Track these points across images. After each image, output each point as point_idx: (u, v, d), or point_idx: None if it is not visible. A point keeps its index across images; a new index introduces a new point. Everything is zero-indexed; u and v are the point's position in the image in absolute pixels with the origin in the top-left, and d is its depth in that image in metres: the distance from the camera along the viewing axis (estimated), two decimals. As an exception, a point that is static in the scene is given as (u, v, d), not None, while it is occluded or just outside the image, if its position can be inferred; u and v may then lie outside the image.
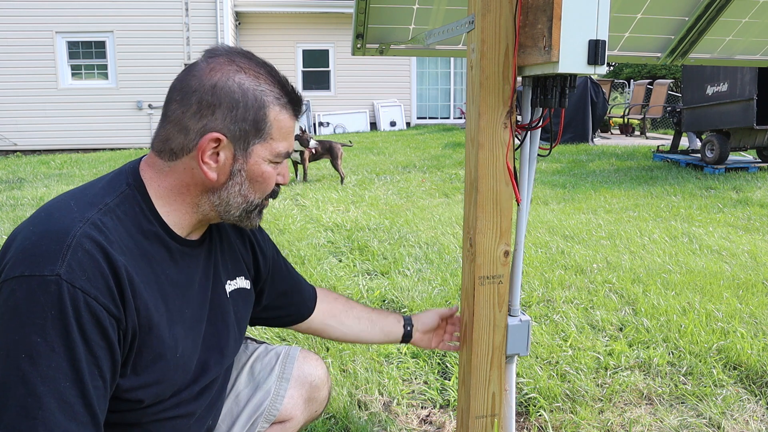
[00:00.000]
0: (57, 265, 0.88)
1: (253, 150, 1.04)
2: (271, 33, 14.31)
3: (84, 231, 0.92)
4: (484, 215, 1.30)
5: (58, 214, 0.95)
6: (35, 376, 0.85)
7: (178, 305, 1.06)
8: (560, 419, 1.95)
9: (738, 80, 6.93)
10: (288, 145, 1.08)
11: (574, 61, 1.08)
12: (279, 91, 1.05)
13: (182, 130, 1.01)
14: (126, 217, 1.00)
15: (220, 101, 1.00)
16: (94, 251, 0.92)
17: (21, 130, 12.37)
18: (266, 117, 1.03)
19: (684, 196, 5.94)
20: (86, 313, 0.89)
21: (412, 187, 6.66)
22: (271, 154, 1.06)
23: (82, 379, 0.88)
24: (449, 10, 1.89)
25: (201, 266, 1.13)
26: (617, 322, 2.70)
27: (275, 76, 1.06)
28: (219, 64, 1.02)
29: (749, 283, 3.16)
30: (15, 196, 6.27)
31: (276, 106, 1.04)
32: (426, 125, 14.81)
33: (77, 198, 1.00)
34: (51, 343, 0.86)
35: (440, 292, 3.04)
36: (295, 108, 1.08)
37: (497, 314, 1.36)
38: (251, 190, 1.07)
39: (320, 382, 1.42)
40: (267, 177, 1.07)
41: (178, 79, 1.04)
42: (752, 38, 2.17)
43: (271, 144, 1.05)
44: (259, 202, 1.10)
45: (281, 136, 1.06)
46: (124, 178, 1.04)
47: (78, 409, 0.88)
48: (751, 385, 2.16)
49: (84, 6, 12.26)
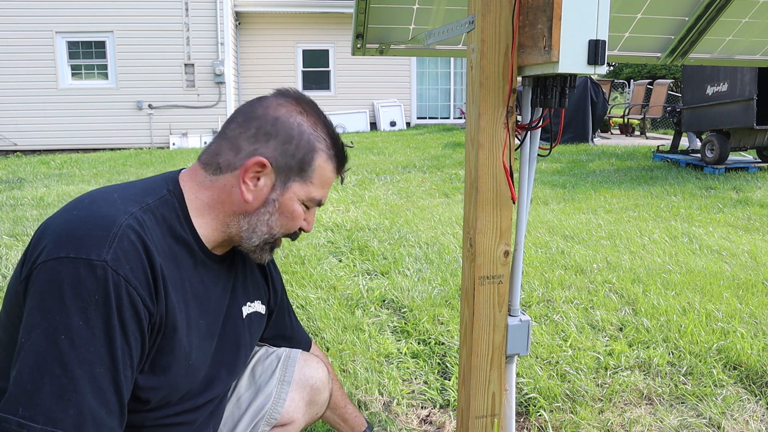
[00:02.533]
0: (104, 251, 0.89)
1: (291, 186, 1.10)
2: (271, 33, 14.31)
3: (129, 222, 0.95)
4: (484, 215, 1.30)
5: (102, 203, 0.97)
6: (74, 359, 0.86)
7: (197, 314, 1.08)
8: (560, 419, 1.95)
9: (738, 80, 6.93)
10: (323, 194, 1.15)
11: (574, 61, 1.08)
12: (331, 143, 1.14)
13: (234, 148, 1.07)
14: (163, 219, 1.03)
15: (277, 133, 1.06)
16: (137, 243, 0.94)
17: (21, 130, 12.37)
18: (313, 161, 1.10)
19: (684, 196, 5.94)
20: (127, 302, 0.91)
21: (412, 187, 6.66)
22: (307, 197, 1.12)
23: (116, 366, 0.90)
24: (449, 10, 1.89)
25: (221, 282, 1.16)
26: (617, 322, 2.70)
27: (330, 130, 1.14)
28: (288, 102, 1.10)
29: (749, 283, 3.16)
30: (15, 196, 6.27)
31: (324, 155, 1.12)
32: (426, 125, 14.81)
33: (120, 192, 1.02)
34: (92, 328, 0.88)
35: (440, 292, 3.04)
36: (339, 163, 1.17)
37: (497, 314, 1.36)
38: (278, 223, 1.12)
39: (321, 384, 1.42)
40: (296, 216, 1.13)
41: (247, 104, 1.12)
42: (752, 38, 2.17)
43: (309, 187, 1.12)
44: (279, 236, 1.14)
45: (320, 183, 1.13)
46: (165, 184, 1.08)
47: (109, 396, 0.89)
48: (751, 385, 2.16)
49: (84, 6, 12.26)
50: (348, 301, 2.96)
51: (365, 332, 2.59)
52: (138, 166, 8.90)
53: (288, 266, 3.54)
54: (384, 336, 2.57)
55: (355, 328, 2.63)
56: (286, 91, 1.12)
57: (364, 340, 2.51)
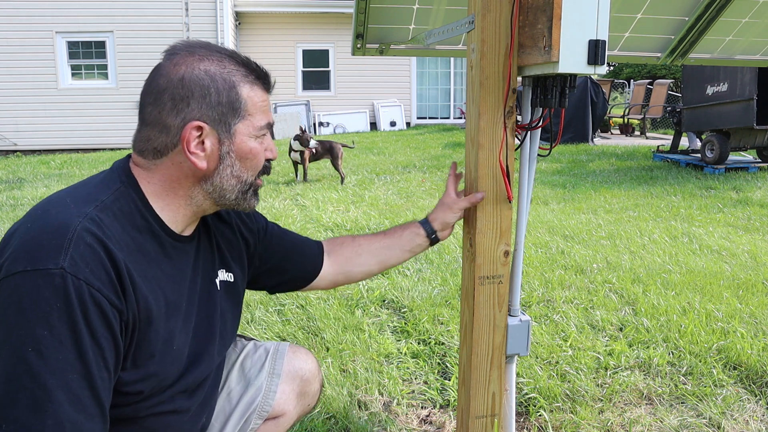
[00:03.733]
0: (60, 259, 0.89)
1: (236, 129, 1.06)
2: (271, 33, 14.31)
3: (83, 225, 0.93)
4: (484, 215, 1.30)
5: (55, 211, 0.96)
6: (44, 369, 0.85)
7: (175, 299, 1.07)
8: (560, 419, 1.95)
9: (738, 80, 6.92)
10: (266, 117, 1.11)
11: (574, 61, 1.08)
12: (245, 70, 1.08)
13: (163, 129, 1.04)
14: (122, 213, 1.01)
15: (192, 92, 1.03)
16: (95, 244, 0.93)
17: (21, 130, 12.37)
18: (239, 96, 1.06)
19: (684, 196, 5.93)
20: (91, 304, 0.90)
21: (412, 187, 6.66)
22: (254, 129, 1.08)
23: (89, 371, 0.89)
24: (449, 10, 1.89)
25: (191, 261, 1.14)
26: (617, 322, 2.70)
27: (237, 58, 1.09)
28: (181, 58, 1.05)
29: (749, 283, 3.16)
30: (15, 196, 6.27)
31: (246, 84, 1.07)
32: (426, 125, 14.81)
33: (73, 195, 1.01)
34: (58, 336, 0.87)
35: (440, 292, 3.04)
36: (264, 83, 1.11)
37: (497, 314, 1.36)
38: (243, 169, 1.09)
39: (311, 375, 1.42)
40: (255, 153, 1.10)
41: (147, 83, 1.07)
42: (752, 38, 2.17)
43: (250, 120, 1.08)
44: (252, 180, 1.12)
45: (257, 110, 1.09)
46: (117, 176, 1.06)
47: (86, 401, 0.89)
48: (751, 385, 2.16)
49: (84, 6, 12.26)
50: (348, 301, 2.96)
51: (365, 332, 2.59)
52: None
53: (288, 266, 3.54)
54: (384, 336, 2.57)
55: (355, 328, 2.63)
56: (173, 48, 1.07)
57: (364, 340, 2.51)
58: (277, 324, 2.68)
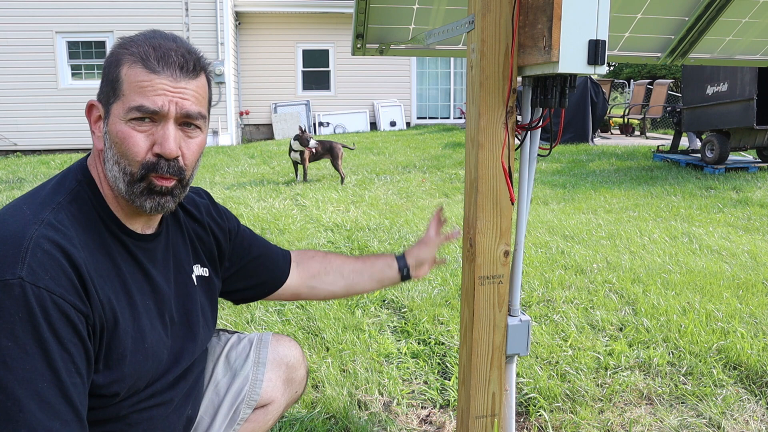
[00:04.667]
0: (18, 269, 0.88)
1: (111, 110, 1.01)
2: (271, 33, 14.31)
3: (40, 232, 0.92)
4: (484, 215, 1.30)
5: (11, 220, 0.95)
6: (11, 381, 0.85)
7: (140, 297, 1.06)
8: (560, 419, 1.95)
9: (738, 80, 6.93)
10: (143, 99, 0.98)
11: (574, 61, 1.08)
12: (137, 49, 1.00)
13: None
14: (80, 213, 1.00)
15: (103, 72, 1.05)
16: (53, 250, 0.92)
17: (21, 130, 12.36)
18: (119, 74, 1.00)
19: (684, 196, 5.94)
20: (54, 311, 0.89)
21: (412, 187, 6.66)
22: (124, 110, 0.99)
23: (59, 377, 0.89)
24: (449, 10, 1.89)
25: (159, 259, 1.13)
26: (617, 322, 2.70)
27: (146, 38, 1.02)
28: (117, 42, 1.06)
29: (749, 283, 3.16)
30: (15, 196, 6.27)
31: (127, 62, 0.99)
32: (426, 125, 14.81)
33: (29, 201, 1.00)
34: (23, 346, 0.86)
35: (440, 292, 3.04)
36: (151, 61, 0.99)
37: (497, 314, 1.36)
38: (117, 154, 1.00)
39: (296, 362, 1.43)
40: (124, 137, 0.99)
41: None
42: (752, 38, 2.17)
43: (124, 100, 0.99)
44: (137, 172, 1.00)
45: (133, 90, 0.99)
46: (73, 175, 1.05)
47: (59, 407, 0.88)
48: (751, 385, 2.16)
49: (84, 6, 12.26)
50: (348, 301, 2.96)
51: (365, 332, 2.59)
52: (138, 166, 8.89)
53: (288, 266, 3.54)
54: (384, 336, 2.57)
55: (355, 328, 2.63)
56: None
57: (364, 340, 2.51)
58: (277, 324, 2.68)
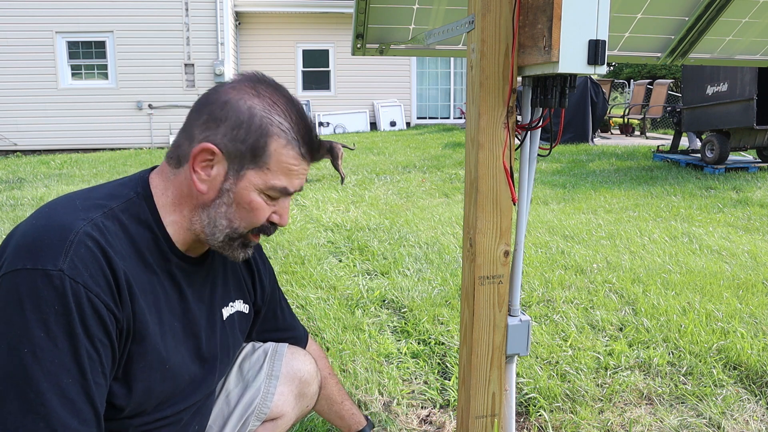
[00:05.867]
0: (60, 260, 0.88)
1: (245, 174, 1.02)
2: (271, 33, 14.31)
3: (86, 230, 0.93)
4: (484, 215, 1.30)
5: (62, 211, 0.96)
6: (38, 372, 0.85)
7: (171, 318, 1.06)
8: (560, 419, 1.95)
9: (738, 80, 6.92)
10: (289, 183, 1.04)
11: (574, 61, 1.08)
12: (289, 125, 1.03)
13: (188, 138, 1.03)
14: (129, 223, 1.00)
15: (227, 117, 1.00)
16: (95, 249, 0.92)
17: (21, 130, 12.37)
18: (267, 146, 1.01)
19: (684, 196, 5.94)
20: (89, 308, 0.89)
21: (412, 187, 6.66)
22: (265, 185, 1.03)
23: (84, 375, 0.89)
24: (449, 10, 1.89)
25: (198, 284, 1.13)
26: (617, 322, 2.70)
27: (293, 113, 1.04)
28: (240, 84, 1.03)
29: (749, 283, 3.16)
30: (15, 196, 6.27)
31: (281, 139, 1.02)
32: (426, 125, 14.81)
33: (83, 198, 1.00)
34: (54, 339, 0.86)
35: (440, 292, 3.04)
36: (305, 148, 1.04)
37: (497, 314, 1.36)
38: (237, 215, 1.04)
39: (310, 377, 1.42)
40: (255, 207, 1.04)
41: (205, 92, 1.07)
42: (752, 38, 2.17)
43: (266, 175, 1.02)
44: (244, 232, 1.06)
45: (280, 170, 1.03)
46: (133, 186, 1.05)
47: (80, 405, 0.88)
48: (751, 385, 2.16)
49: (84, 6, 12.26)
50: (348, 301, 2.96)
51: (365, 332, 2.59)
52: (138, 166, 8.89)
53: (288, 266, 3.54)
54: (384, 336, 2.57)
55: (355, 328, 2.63)
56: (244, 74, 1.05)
57: (364, 340, 2.51)
58: (277, 324, 2.68)
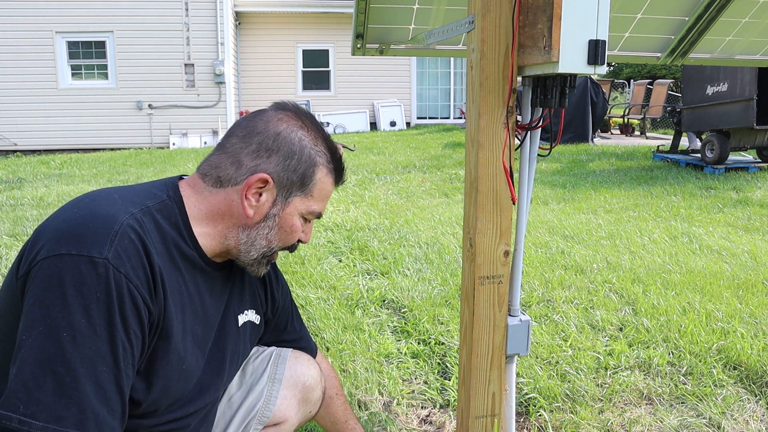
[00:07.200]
0: (105, 249, 0.90)
1: (292, 201, 1.12)
2: (271, 33, 14.31)
3: (129, 222, 0.95)
4: (484, 215, 1.30)
5: (104, 202, 0.98)
6: (76, 356, 0.86)
7: (192, 320, 1.08)
8: (560, 419, 1.95)
9: (738, 80, 6.92)
10: (322, 207, 1.17)
11: (574, 61, 1.08)
12: (330, 156, 1.15)
13: (235, 163, 1.08)
14: (163, 223, 1.03)
15: (279, 148, 1.08)
16: (137, 242, 0.95)
17: (21, 130, 12.37)
18: (314, 175, 1.12)
19: (684, 196, 5.94)
20: (128, 299, 0.91)
21: (412, 187, 6.66)
22: (307, 210, 1.14)
23: (118, 365, 0.90)
24: (449, 10, 1.89)
25: (218, 290, 1.16)
26: (617, 322, 2.70)
27: (329, 143, 1.16)
28: (288, 116, 1.11)
29: (749, 283, 3.16)
30: (15, 196, 6.27)
31: (324, 169, 1.14)
32: (426, 125, 14.81)
33: (120, 193, 1.03)
34: (95, 326, 0.87)
35: (440, 292, 3.04)
36: (338, 176, 1.18)
37: (497, 314, 1.36)
38: (276, 237, 1.14)
39: (313, 382, 1.41)
40: (295, 230, 1.15)
41: (245, 118, 1.13)
42: (752, 38, 2.17)
43: (309, 201, 1.14)
44: (277, 250, 1.16)
45: (320, 197, 1.15)
46: (165, 189, 1.08)
47: (111, 395, 0.89)
48: (751, 385, 2.16)
49: (84, 6, 12.26)
50: (348, 301, 2.96)
51: (365, 332, 2.59)
52: (138, 166, 8.89)
53: (288, 266, 3.54)
54: (384, 336, 2.57)
55: (355, 328, 2.63)
56: (285, 105, 1.14)
57: (364, 340, 2.51)
58: (277, 324, 2.68)
